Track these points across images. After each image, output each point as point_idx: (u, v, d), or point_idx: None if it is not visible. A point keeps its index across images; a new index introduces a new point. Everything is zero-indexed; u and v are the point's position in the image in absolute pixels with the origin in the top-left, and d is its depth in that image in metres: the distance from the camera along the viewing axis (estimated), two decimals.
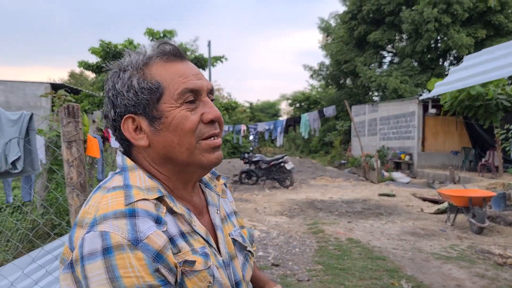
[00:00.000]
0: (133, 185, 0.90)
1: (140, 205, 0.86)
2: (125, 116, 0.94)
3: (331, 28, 30.99)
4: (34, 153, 2.75)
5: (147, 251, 0.81)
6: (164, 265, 0.83)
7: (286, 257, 5.62)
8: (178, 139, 0.92)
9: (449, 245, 6.18)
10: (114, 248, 0.79)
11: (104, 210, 0.84)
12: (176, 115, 0.92)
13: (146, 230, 0.83)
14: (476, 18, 22.79)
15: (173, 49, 0.97)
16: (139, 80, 0.93)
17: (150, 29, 23.00)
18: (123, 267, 0.79)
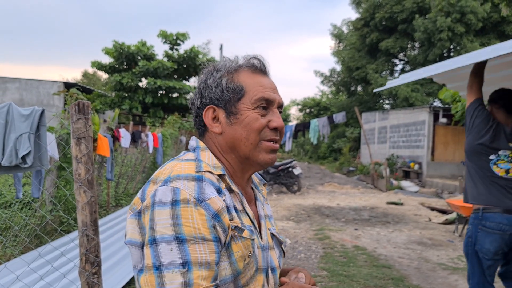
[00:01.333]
0: (203, 160, 1.10)
1: (207, 174, 1.05)
2: (208, 105, 1.15)
3: (343, 35, 30.97)
4: (43, 149, 2.78)
5: (208, 209, 0.98)
6: (219, 224, 0.99)
7: (291, 262, 5.60)
8: (246, 134, 1.11)
9: (456, 256, 6.12)
10: (182, 202, 0.96)
11: (178, 172, 1.02)
12: (249, 115, 1.12)
13: (210, 193, 1.00)
14: (490, 28, 22.67)
15: (260, 64, 1.19)
16: (227, 81, 1.14)
17: (163, 31, 23.16)
18: (185, 218, 0.95)
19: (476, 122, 3.17)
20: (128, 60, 22.32)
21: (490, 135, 3.10)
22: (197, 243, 0.95)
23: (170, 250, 0.94)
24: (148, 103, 21.95)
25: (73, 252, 4.07)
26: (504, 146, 3.07)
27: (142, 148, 10.69)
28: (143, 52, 22.13)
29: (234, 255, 1.03)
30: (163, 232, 0.95)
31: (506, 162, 3.06)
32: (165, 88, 21.59)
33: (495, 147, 3.07)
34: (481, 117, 3.15)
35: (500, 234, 2.94)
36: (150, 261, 0.95)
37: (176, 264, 0.93)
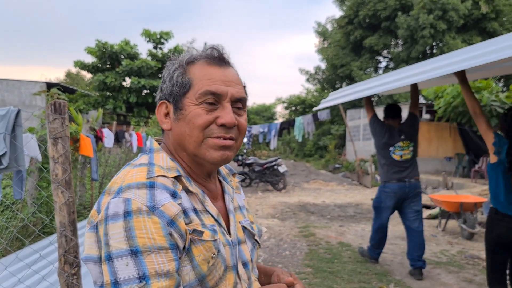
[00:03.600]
0: (156, 164, 1.05)
1: (159, 179, 1.00)
2: (161, 101, 1.12)
3: (327, 32, 31.08)
4: (20, 149, 2.74)
5: (162, 217, 0.94)
6: (176, 231, 0.96)
7: (276, 260, 5.61)
8: (189, 131, 1.06)
9: (439, 250, 6.20)
10: (134, 212, 0.93)
11: (129, 181, 0.98)
12: (192, 110, 1.05)
13: (163, 199, 0.96)
14: (472, 25, 22.95)
15: (217, 54, 1.11)
16: (178, 74, 1.09)
17: (147, 30, 23.01)
18: (139, 229, 0.92)
19: (377, 129, 5.20)
20: (112, 60, 22.14)
21: (387, 135, 5.07)
22: (153, 253, 0.92)
23: (126, 264, 0.91)
24: (132, 102, 21.81)
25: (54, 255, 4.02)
26: (397, 140, 5.04)
27: (126, 148, 10.61)
28: (127, 51, 21.98)
29: (195, 259, 0.99)
30: (117, 247, 0.91)
31: (399, 151, 5.02)
32: (150, 87, 21.48)
33: (391, 143, 5.04)
34: (378, 126, 5.20)
35: (394, 195, 5.00)
36: (108, 278, 0.92)
37: (133, 279, 0.90)
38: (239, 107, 1.11)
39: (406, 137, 5.06)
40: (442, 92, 12.67)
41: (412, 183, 4.96)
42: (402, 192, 4.96)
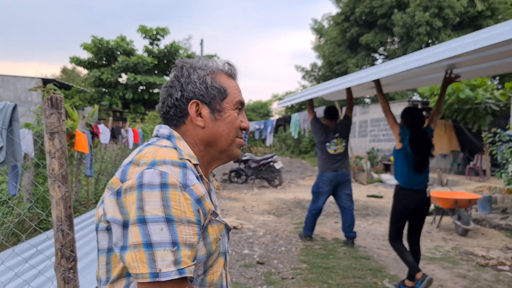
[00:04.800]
0: (181, 149, 1.17)
1: (188, 162, 1.12)
2: (193, 100, 1.22)
3: (324, 29, 31.09)
4: (16, 144, 2.74)
5: (192, 194, 1.06)
6: (202, 209, 1.09)
7: (272, 256, 5.64)
8: (228, 131, 1.24)
9: (433, 246, 6.24)
10: (170, 185, 1.03)
11: (163, 157, 1.08)
12: (232, 114, 1.25)
13: (193, 180, 1.09)
14: (467, 23, 23.01)
15: (234, 70, 1.31)
16: (211, 80, 1.24)
17: (143, 26, 22.93)
18: (174, 201, 1.02)
19: (316, 128, 6.21)
20: (108, 56, 22.07)
21: (324, 134, 6.12)
22: (183, 225, 1.02)
23: (161, 229, 0.99)
24: (129, 98, 21.76)
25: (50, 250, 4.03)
26: (331, 138, 6.10)
27: (122, 144, 10.60)
28: (123, 47, 21.91)
29: (209, 237, 1.13)
30: (153, 213, 1.00)
31: (334, 146, 6.09)
32: (146, 83, 21.43)
33: (327, 140, 6.10)
34: (317, 126, 6.21)
35: (330, 182, 6.11)
36: (139, 239, 0.99)
37: (167, 243, 0.99)
38: None
39: (339, 135, 6.12)
40: (437, 89, 12.72)
41: (344, 172, 6.13)
42: (336, 180, 6.10)
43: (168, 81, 1.28)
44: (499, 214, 8.48)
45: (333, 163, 6.08)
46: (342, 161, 6.12)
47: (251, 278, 4.71)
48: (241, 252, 5.75)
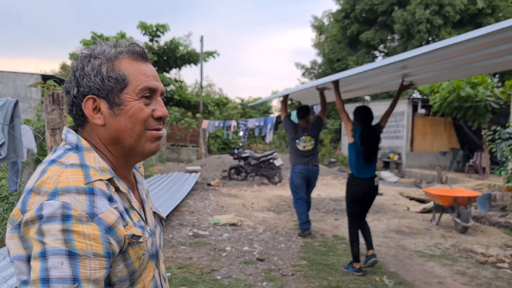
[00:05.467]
0: (90, 166, 1.03)
1: (97, 184, 1.00)
2: (88, 96, 1.07)
3: (324, 26, 31.03)
4: (18, 140, 2.74)
5: (101, 224, 0.95)
6: (114, 237, 0.98)
7: (271, 252, 5.65)
8: (131, 125, 1.08)
9: (433, 244, 6.26)
10: (73, 218, 0.93)
11: (66, 184, 0.96)
12: (134, 105, 1.08)
13: (102, 207, 0.97)
14: (468, 21, 22.98)
15: (141, 51, 1.13)
16: (108, 69, 1.08)
17: (143, 22, 22.89)
18: (77, 233, 0.92)
19: (287, 126, 6.68)
20: None
21: (295, 132, 6.59)
22: (89, 258, 0.93)
23: (61, 263, 0.91)
24: None
25: None
26: (301, 135, 6.55)
27: None
28: None
29: (130, 259, 1.04)
30: (54, 246, 0.91)
31: (302, 143, 6.55)
32: None
33: (297, 137, 6.57)
34: (289, 124, 6.67)
35: (301, 174, 6.54)
36: (38, 275, 0.91)
37: (66, 279, 0.90)
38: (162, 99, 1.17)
39: (308, 133, 6.58)
40: (437, 87, 12.72)
41: (313, 167, 6.62)
42: (307, 172, 6.56)
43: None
44: (498, 212, 8.50)
45: (302, 158, 6.56)
46: (311, 158, 6.59)
47: (251, 274, 4.73)
48: (241, 248, 5.76)
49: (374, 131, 4.96)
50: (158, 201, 8.20)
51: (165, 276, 1.25)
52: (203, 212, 8.18)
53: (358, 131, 4.92)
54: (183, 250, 5.56)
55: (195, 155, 23.05)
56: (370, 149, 4.86)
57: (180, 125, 24.39)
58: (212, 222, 7.22)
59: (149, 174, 13.43)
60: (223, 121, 18.11)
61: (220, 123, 17.48)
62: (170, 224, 6.96)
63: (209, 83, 36.88)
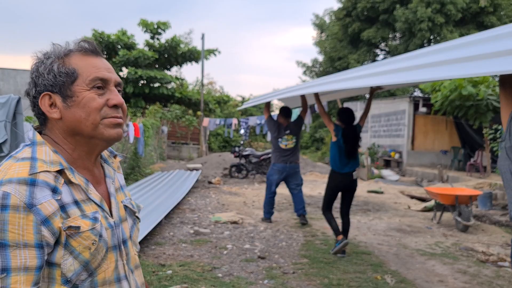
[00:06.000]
0: (39, 158, 1.09)
1: (41, 176, 1.04)
2: (43, 93, 1.14)
3: (325, 25, 31.01)
4: (20, 137, 2.74)
5: (38, 215, 0.99)
6: (49, 228, 1.01)
7: (273, 250, 5.65)
8: (86, 115, 1.13)
9: (434, 242, 6.25)
10: (11, 207, 0.97)
11: (11, 175, 1.02)
12: (85, 96, 1.13)
13: (41, 198, 1.01)
14: (469, 19, 22.94)
15: (91, 46, 1.20)
16: (58, 66, 1.15)
17: (144, 20, 22.87)
18: (12, 224, 0.97)
19: (270, 126, 7.13)
20: (108, 50, 22.01)
21: (277, 130, 7.04)
22: (19, 249, 0.97)
23: None
24: (129, 93, 21.72)
25: None
26: (283, 134, 7.00)
27: (123, 138, 10.60)
28: (123, 41, 21.84)
29: (76, 250, 1.07)
30: None
31: (284, 141, 6.98)
32: (146, 78, 21.38)
33: (279, 136, 7.00)
34: (272, 124, 7.12)
35: (279, 171, 7.07)
36: None
37: None
38: (119, 90, 1.21)
39: (290, 132, 7.04)
40: (439, 85, 12.70)
41: (292, 165, 7.09)
42: (285, 170, 7.04)
43: None
44: (499, 211, 8.50)
45: (283, 156, 7.01)
46: (292, 155, 7.06)
47: (253, 272, 4.73)
48: (242, 246, 5.76)
49: (354, 130, 5.44)
50: (159, 198, 8.21)
51: (132, 268, 1.27)
52: (204, 210, 8.18)
53: (340, 130, 5.41)
54: (184, 248, 5.56)
55: (196, 153, 23.04)
56: (352, 146, 5.38)
57: (181, 123, 24.39)
58: (213, 220, 7.22)
59: (150, 172, 13.44)
60: (224, 119, 18.10)
61: (221, 121, 17.47)
62: (171, 222, 6.96)
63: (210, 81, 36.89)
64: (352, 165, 5.45)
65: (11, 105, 2.58)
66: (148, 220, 6.25)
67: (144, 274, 4.32)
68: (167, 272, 4.51)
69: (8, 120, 2.55)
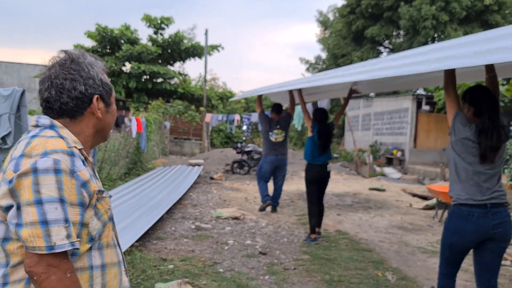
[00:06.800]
0: (65, 137, 1.32)
1: (75, 149, 1.30)
2: (96, 95, 1.39)
3: (329, 21, 30.93)
4: (24, 129, 2.73)
5: (78, 180, 1.26)
6: (86, 191, 1.28)
7: (274, 246, 5.66)
8: (112, 121, 1.49)
9: (435, 240, 6.25)
10: (63, 171, 1.22)
11: (53, 147, 1.24)
12: (114, 108, 1.50)
13: (79, 166, 1.28)
14: (474, 17, 22.84)
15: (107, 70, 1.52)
16: (103, 77, 1.43)
17: (147, 15, 22.85)
18: (66, 184, 1.22)
19: (262, 120, 7.48)
20: (111, 44, 22.01)
21: (269, 124, 7.36)
22: (70, 206, 1.22)
23: (55, 209, 1.19)
24: (132, 88, 21.74)
25: None
26: (274, 128, 7.32)
27: (125, 132, 10.61)
28: (127, 36, 21.83)
29: (100, 212, 1.34)
30: (48, 194, 1.18)
31: (274, 135, 7.30)
32: (149, 73, 21.39)
33: (270, 130, 7.32)
34: (263, 118, 7.48)
35: (271, 163, 7.35)
36: (36, 218, 1.17)
37: (60, 220, 1.19)
38: None
39: (280, 127, 7.40)
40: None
41: (282, 157, 7.44)
42: (276, 162, 7.40)
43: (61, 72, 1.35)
44: None
45: (273, 148, 7.38)
46: (281, 148, 7.45)
47: (254, 268, 4.74)
48: (244, 242, 5.77)
49: (328, 128, 6.04)
50: (161, 193, 8.22)
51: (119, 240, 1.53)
52: (205, 206, 8.20)
53: (316, 127, 5.97)
54: (185, 243, 5.57)
55: (198, 148, 23.06)
56: (325, 141, 5.95)
57: (184, 119, 24.39)
58: (215, 215, 7.24)
59: (152, 167, 13.46)
60: (227, 115, 18.09)
61: (224, 117, 17.46)
62: (173, 217, 6.98)
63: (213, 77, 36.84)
64: (325, 158, 5.98)
65: (15, 98, 2.58)
66: (150, 214, 6.26)
67: (146, 268, 4.34)
68: (169, 266, 4.52)
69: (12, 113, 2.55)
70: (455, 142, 2.99)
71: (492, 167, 2.92)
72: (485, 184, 2.89)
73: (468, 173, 2.91)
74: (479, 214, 2.86)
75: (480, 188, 2.88)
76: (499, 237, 2.92)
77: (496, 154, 2.91)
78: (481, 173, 2.89)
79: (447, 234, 3.05)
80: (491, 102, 2.97)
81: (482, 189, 2.88)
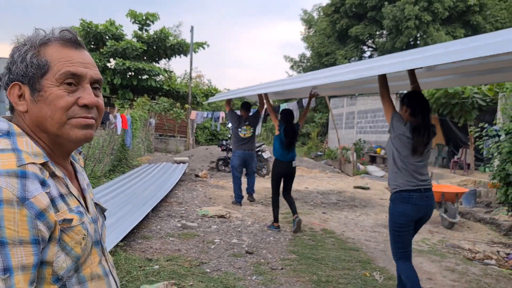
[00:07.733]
0: (22, 150, 1.00)
1: (29, 167, 0.97)
2: (13, 82, 1.07)
3: (313, 20, 31.02)
4: None
5: (32, 209, 0.92)
6: (44, 223, 0.94)
7: (260, 245, 5.63)
8: (51, 113, 1.04)
9: (420, 239, 6.30)
10: (5, 202, 0.89)
11: None
12: (53, 92, 1.04)
13: (34, 190, 0.94)
14: (456, 18, 23.14)
15: (72, 37, 1.11)
16: (32, 56, 1.06)
17: (132, 11, 22.60)
18: (8, 220, 0.89)
19: (232, 117, 8.19)
20: (96, 40, 21.70)
21: (238, 122, 8.13)
22: (16, 246, 0.89)
23: None
24: (117, 84, 21.47)
25: None
26: (242, 125, 8.12)
27: (110, 129, 10.48)
28: (111, 32, 21.54)
29: (68, 245, 1.01)
30: None
31: (244, 131, 8.11)
32: (134, 69, 21.14)
33: (239, 126, 8.10)
34: (233, 116, 8.23)
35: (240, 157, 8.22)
36: None
37: None
38: (97, 88, 1.13)
39: (249, 123, 8.16)
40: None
41: (250, 152, 8.24)
42: (244, 156, 8.18)
43: None
44: (483, 208, 8.60)
45: (242, 144, 8.15)
46: (250, 144, 8.21)
47: (241, 268, 4.70)
48: (230, 241, 5.74)
49: (293, 127, 6.46)
50: (146, 191, 8.13)
51: (112, 264, 1.23)
52: (191, 203, 8.14)
53: (282, 126, 6.42)
54: (171, 242, 5.51)
55: (183, 145, 22.91)
56: (290, 140, 6.37)
57: (169, 116, 24.23)
58: (201, 213, 7.18)
59: (137, 164, 13.33)
60: (212, 112, 18.00)
61: (209, 114, 17.37)
62: (159, 215, 6.90)
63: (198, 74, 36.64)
64: (291, 156, 6.47)
65: None
66: (135, 213, 6.18)
67: (131, 269, 4.28)
68: (154, 267, 4.46)
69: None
70: (393, 138, 3.60)
71: (422, 159, 3.57)
72: (417, 173, 3.54)
73: (404, 164, 3.53)
74: (417, 197, 3.52)
75: (414, 176, 3.52)
76: (428, 216, 3.72)
77: (425, 148, 3.56)
78: (413, 164, 3.53)
79: (395, 217, 3.66)
80: (424, 105, 3.60)
81: (415, 177, 3.53)
